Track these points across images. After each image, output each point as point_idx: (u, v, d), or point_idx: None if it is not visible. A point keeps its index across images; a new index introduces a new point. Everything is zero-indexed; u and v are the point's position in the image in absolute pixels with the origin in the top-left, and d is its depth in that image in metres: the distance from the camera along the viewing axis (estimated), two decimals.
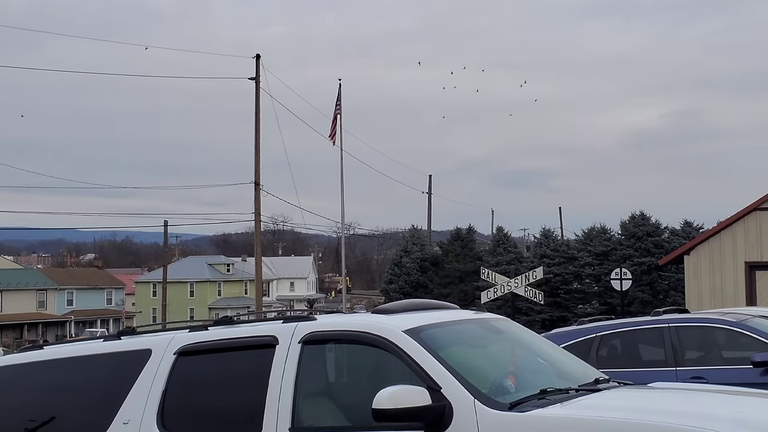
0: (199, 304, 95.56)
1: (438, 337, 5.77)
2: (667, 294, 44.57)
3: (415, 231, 56.13)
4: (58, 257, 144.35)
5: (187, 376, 6.20)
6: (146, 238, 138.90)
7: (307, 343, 5.88)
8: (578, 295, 47.11)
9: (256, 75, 39.68)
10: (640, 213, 47.48)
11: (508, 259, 48.75)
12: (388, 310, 6.23)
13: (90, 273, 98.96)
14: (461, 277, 49.46)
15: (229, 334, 6.29)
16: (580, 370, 6.35)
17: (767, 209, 28.71)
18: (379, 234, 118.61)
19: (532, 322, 42.55)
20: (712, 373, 10.57)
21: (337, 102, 38.87)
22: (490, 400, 5.26)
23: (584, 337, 11.64)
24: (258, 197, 39.69)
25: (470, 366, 5.65)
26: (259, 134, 39.89)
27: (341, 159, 40.09)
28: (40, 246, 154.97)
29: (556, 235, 53.66)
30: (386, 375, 5.59)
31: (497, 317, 6.85)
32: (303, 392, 5.75)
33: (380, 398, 5.16)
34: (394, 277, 52.10)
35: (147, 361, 6.35)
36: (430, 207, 65.53)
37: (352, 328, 5.89)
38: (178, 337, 6.43)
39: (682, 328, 11.40)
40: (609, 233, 48.32)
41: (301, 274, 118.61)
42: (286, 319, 6.22)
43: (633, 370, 10.68)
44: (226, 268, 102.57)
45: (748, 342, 11.00)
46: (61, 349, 7.18)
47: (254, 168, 39.84)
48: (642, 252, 45.75)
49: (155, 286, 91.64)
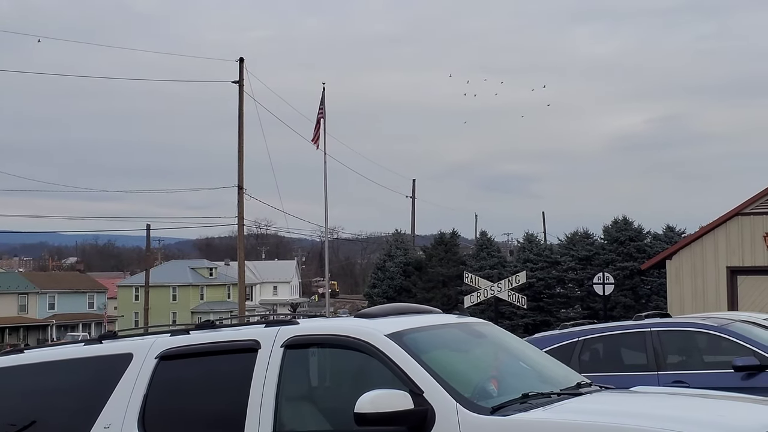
0: (182, 309, 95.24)
1: (421, 341, 5.77)
2: (649, 298, 44.72)
3: (398, 235, 56.12)
4: (39, 261, 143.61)
5: (168, 381, 6.17)
6: (128, 242, 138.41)
7: (290, 347, 5.86)
8: (561, 300, 47.20)
9: (240, 78, 39.60)
10: (623, 218, 47.63)
11: (491, 263, 48.80)
12: (371, 314, 6.22)
13: (72, 277, 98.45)
14: (445, 282, 49.48)
15: (211, 338, 6.27)
16: (563, 375, 6.36)
17: (749, 214, 28.87)
18: (363, 238, 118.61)
19: (515, 326, 42.60)
20: (694, 377, 10.61)
21: (321, 106, 38.81)
22: (473, 404, 5.26)
23: (567, 341, 11.67)
24: (241, 201, 39.61)
25: (453, 370, 5.65)
26: (242, 138, 39.83)
27: (325, 163, 40.05)
28: (22, 249, 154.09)
29: (540, 239, 53.77)
30: (369, 379, 5.58)
31: (480, 321, 6.85)
32: (285, 396, 5.74)
33: (362, 402, 5.16)
34: (377, 281, 52.06)
35: (128, 365, 6.32)
36: (414, 211, 65.58)
37: (335, 332, 5.88)
38: (160, 341, 6.41)
39: (663, 333, 11.44)
40: (592, 238, 48.45)
41: (285, 278, 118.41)
42: (269, 324, 6.21)
43: (615, 374, 10.70)
44: (208, 272, 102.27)
45: (729, 346, 11.04)
46: (42, 353, 7.15)
47: (237, 171, 39.78)
48: (624, 257, 45.89)
49: (137, 290, 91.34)
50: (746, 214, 28.91)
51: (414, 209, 65.42)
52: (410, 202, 65.82)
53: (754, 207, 28.86)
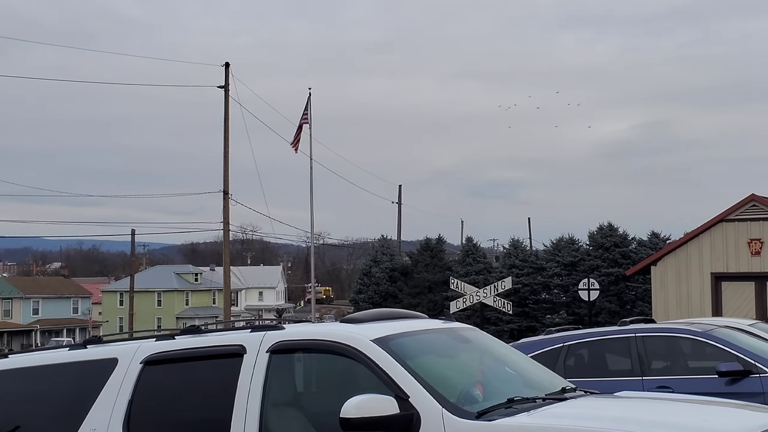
0: (167, 314, 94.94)
1: (406, 347, 5.78)
2: (634, 304, 44.87)
3: (384, 241, 56.13)
4: (24, 266, 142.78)
5: (153, 386, 6.16)
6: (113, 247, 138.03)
7: (276, 352, 5.86)
8: (546, 305, 47.31)
9: (225, 83, 39.56)
10: (608, 224, 47.81)
11: (477, 269, 48.88)
12: (357, 319, 6.22)
13: (56, 282, 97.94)
14: (430, 287, 49.51)
15: (197, 343, 6.26)
16: (548, 379, 6.38)
17: (733, 221, 29.03)
18: (349, 244, 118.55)
19: (500, 331, 42.66)
20: (678, 382, 10.65)
21: (306, 111, 38.75)
22: (458, 409, 5.27)
23: (552, 346, 11.69)
24: (227, 206, 39.53)
25: (438, 375, 5.66)
26: (228, 143, 39.75)
27: (311, 168, 40.01)
28: (6, 254, 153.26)
29: (525, 245, 53.90)
30: (355, 384, 5.58)
31: (465, 326, 6.86)
32: (271, 401, 5.73)
33: (348, 407, 5.16)
34: (363, 287, 52.06)
35: (113, 370, 6.30)
36: (400, 217, 65.64)
37: (321, 337, 5.88)
38: (145, 346, 6.39)
39: (648, 338, 11.48)
40: (577, 244, 48.60)
41: (270, 284, 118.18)
42: (254, 328, 6.20)
43: (600, 379, 10.73)
44: (194, 278, 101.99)
45: (713, 352, 11.09)
46: (27, 358, 7.12)
47: (223, 177, 39.71)
48: (610, 263, 46.05)
49: (122, 296, 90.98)
50: (731, 221, 29.07)
51: (400, 215, 65.53)
52: (396, 207, 65.90)
53: (739, 213, 29.02)
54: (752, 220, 28.79)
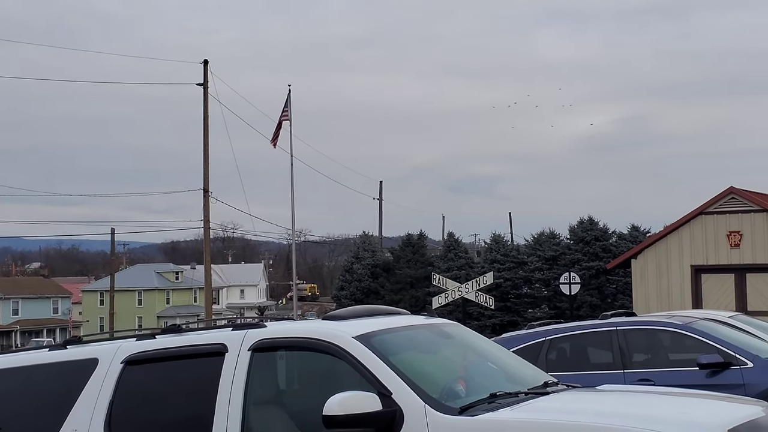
0: (148, 313, 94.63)
1: (388, 343, 5.78)
2: (615, 297, 45.09)
3: (366, 237, 56.13)
4: (2, 266, 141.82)
5: (134, 385, 6.14)
6: (93, 246, 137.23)
7: (257, 350, 5.85)
8: (528, 300, 47.45)
9: (204, 80, 39.41)
10: (589, 218, 47.98)
11: (458, 264, 48.96)
12: (339, 316, 6.22)
13: (36, 282, 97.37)
14: (412, 283, 49.57)
15: (178, 342, 6.24)
16: (530, 374, 6.40)
17: (712, 213, 29.21)
18: (330, 240, 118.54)
19: (482, 326, 42.76)
20: (659, 375, 10.72)
21: (285, 107, 38.66)
22: (441, 405, 5.28)
23: (534, 341, 11.74)
24: (207, 204, 39.40)
25: (421, 371, 5.66)
26: (208, 140, 39.61)
27: (291, 165, 39.90)
28: None
29: (506, 240, 53.99)
30: (337, 381, 5.58)
31: (448, 322, 6.88)
32: (253, 400, 5.72)
33: (330, 405, 5.16)
34: (345, 283, 52.06)
35: (94, 370, 6.28)
36: (381, 213, 65.65)
37: (303, 334, 5.87)
38: (125, 346, 6.37)
39: (629, 331, 11.54)
40: (558, 238, 48.75)
41: (252, 282, 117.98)
42: (236, 327, 6.18)
43: (582, 373, 10.78)
44: (174, 276, 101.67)
45: (693, 344, 11.16)
46: (7, 359, 7.08)
47: (203, 174, 39.58)
48: (590, 256, 46.23)
49: (102, 295, 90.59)
50: (710, 213, 29.25)
51: (381, 211, 65.55)
52: (377, 204, 65.92)
53: (718, 206, 29.22)
54: (731, 212, 28.99)
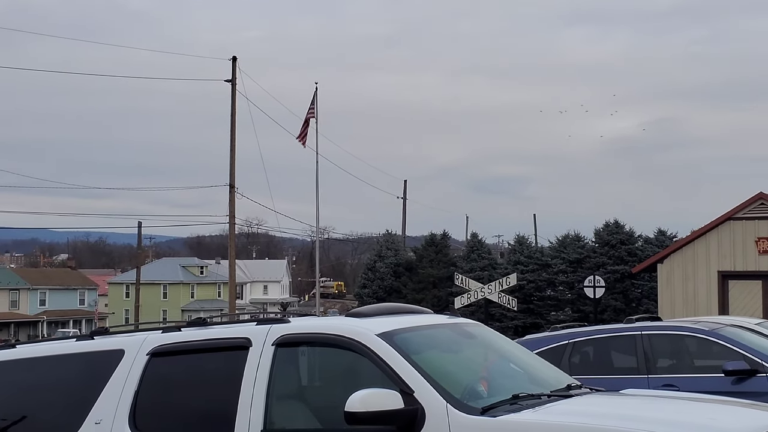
0: (172, 306, 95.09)
1: (411, 341, 5.78)
2: (640, 302, 44.80)
3: (389, 236, 56.10)
4: (31, 257, 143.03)
5: (159, 377, 6.17)
6: (120, 239, 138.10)
7: (281, 345, 5.87)
8: (551, 302, 47.24)
9: (233, 77, 39.58)
10: (615, 221, 47.69)
11: (482, 265, 48.84)
12: (362, 313, 6.23)
13: (63, 273, 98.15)
14: (435, 283, 49.50)
15: (203, 335, 6.27)
16: (553, 376, 6.37)
17: (741, 219, 28.95)
18: (354, 238, 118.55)
19: (505, 328, 42.63)
20: (684, 381, 10.62)
21: (312, 105, 38.75)
22: (463, 405, 5.26)
23: (557, 343, 11.68)
24: (232, 200, 39.58)
25: (443, 370, 5.65)
26: (235, 137, 39.81)
27: (317, 163, 39.97)
28: (13, 245, 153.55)
29: (530, 241, 53.78)
30: (359, 378, 5.59)
31: (471, 322, 6.86)
32: (276, 395, 5.74)
33: (352, 401, 5.16)
34: (367, 281, 52.07)
35: (120, 361, 6.32)
36: (405, 212, 65.59)
37: (326, 331, 5.89)
38: (151, 338, 6.41)
39: (654, 336, 11.46)
40: (583, 241, 48.49)
41: (275, 278, 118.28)
42: (260, 322, 6.21)
43: (605, 377, 10.71)
44: (199, 271, 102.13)
45: (720, 351, 11.06)
46: (34, 349, 7.15)
47: (229, 170, 39.75)
48: (615, 260, 45.97)
49: (128, 288, 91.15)
50: (738, 219, 28.99)
51: (405, 210, 65.50)
52: (401, 202, 65.89)
53: (746, 212, 28.95)
54: (760, 218, 28.71)
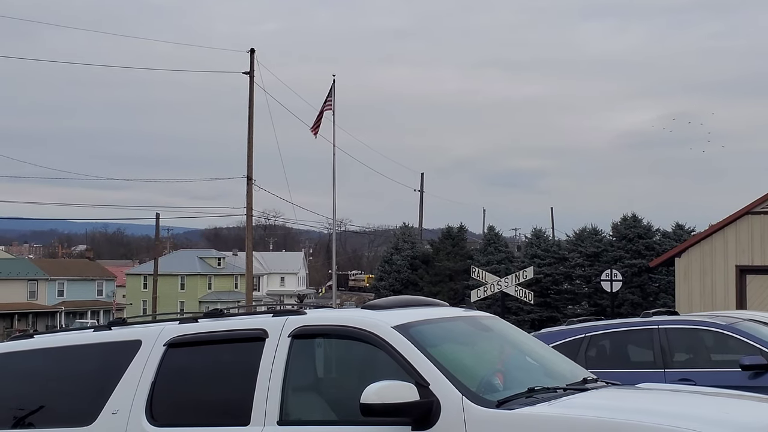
0: (190, 298, 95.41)
1: (427, 334, 5.78)
2: (657, 296, 44.66)
3: (406, 228, 56.12)
4: (49, 248, 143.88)
5: (176, 368, 6.20)
6: (138, 231, 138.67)
7: (297, 337, 5.89)
8: (568, 296, 47.17)
9: (251, 69, 39.62)
10: (632, 215, 47.56)
11: (498, 258, 48.80)
12: (378, 305, 6.24)
13: (81, 264, 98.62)
14: (451, 276, 49.50)
15: (219, 326, 6.29)
16: (569, 370, 6.37)
17: (759, 213, 28.77)
18: (371, 231, 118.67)
19: (521, 321, 42.60)
20: (701, 375, 10.59)
21: (329, 97, 38.73)
22: (478, 398, 5.27)
23: (573, 337, 11.66)
24: (250, 192, 39.64)
25: (459, 363, 5.65)
26: (252, 129, 39.87)
27: (334, 155, 40.02)
28: (32, 236, 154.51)
29: (548, 235, 53.72)
30: (375, 370, 5.59)
31: (486, 315, 6.86)
32: (291, 386, 5.76)
33: (368, 393, 5.17)
34: (384, 274, 52.13)
35: (137, 351, 6.35)
36: (422, 205, 65.59)
37: (342, 323, 5.90)
38: (168, 329, 6.44)
39: (671, 330, 11.42)
40: (600, 234, 48.37)
41: (292, 270, 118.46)
42: (276, 313, 6.23)
43: (621, 371, 10.69)
44: (216, 262, 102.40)
45: (736, 345, 11.02)
46: (52, 339, 7.19)
47: (247, 162, 39.83)
48: (633, 254, 45.82)
49: (146, 279, 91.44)
50: (757, 213, 28.81)
51: (422, 203, 65.50)
52: (418, 195, 65.87)
53: (765, 206, 28.75)
54: None
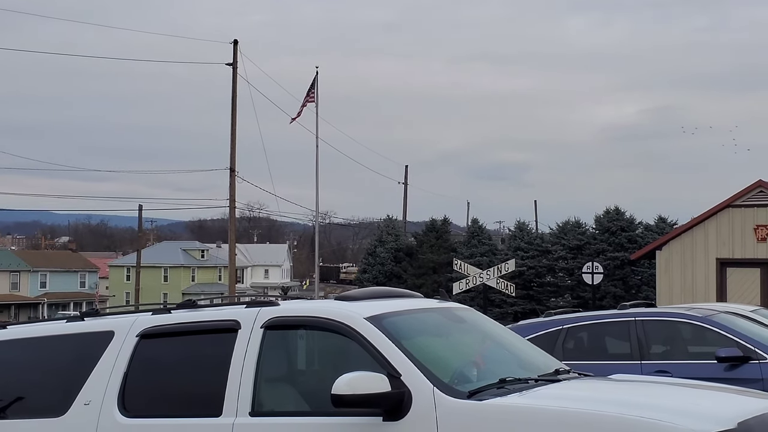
0: (173, 290, 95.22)
1: (400, 325, 5.79)
2: (639, 289, 44.84)
3: (390, 221, 56.13)
4: (32, 239, 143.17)
5: (148, 359, 6.20)
6: (121, 222, 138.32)
7: (270, 328, 5.89)
8: (551, 289, 47.29)
9: (234, 61, 39.48)
10: (615, 208, 47.68)
11: (482, 251, 48.89)
12: (352, 297, 6.25)
13: (64, 256, 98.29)
14: (435, 268, 49.56)
15: (192, 317, 6.29)
16: (541, 361, 6.39)
17: (740, 206, 28.93)
18: (355, 223, 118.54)
19: (504, 314, 42.70)
20: (677, 367, 10.64)
21: (312, 88, 38.65)
22: (449, 388, 5.29)
23: (551, 329, 11.70)
24: (233, 184, 39.56)
25: (431, 354, 5.67)
26: (235, 120, 39.74)
27: (317, 147, 39.95)
28: (15, 227, 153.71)
29: (531, 228, 53.82)
30: (347, 361, 5.60)
31: (460, 306, 6.87)
32: (264, 377, 5.76)
33: (339, 384, 5.18)
34: (368, 266, 52.16)
35: (109, 342, 6.34)
36: (406, 197, 65.56)
37: (315, 314, 5.90)
38: (141, 320, 6.43)
39: (648, 322, 11.48)
40: (583, 227, 48.48)
41: (276, 262, 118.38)
42: (249, 304, 6.23)
43: (599, 362, 10.75)
44: (200, 254, 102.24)
45: (713, 337, 11.08)
46: (24, 330, 7.18)
47: (230, 154, 39.71)
48: (616, 247, 45.98)
49: (129, 271, 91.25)
50: (737, 206, 28.96)
51: (406, 195, 65.46)
52: (402, 188, 65.85)
53: (745, 199, 28.92)
54: (759, 206, 28.67)
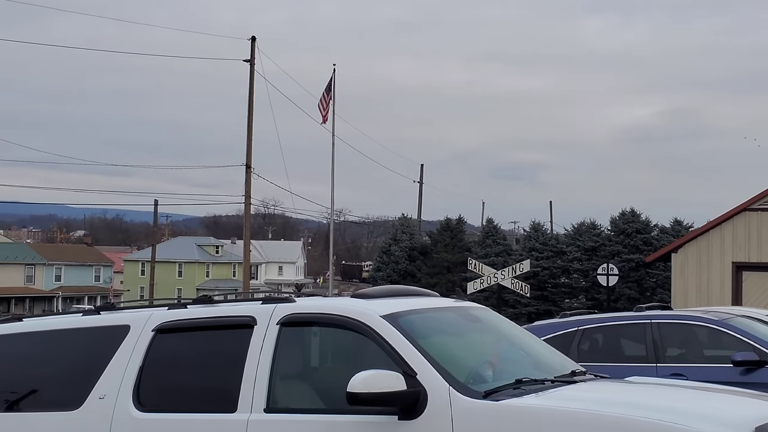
0: (187, 285, 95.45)
1: (416, 324, 5.77)
2: (654, 291, 44.70)
3: (404, 220, 56.13)
4: (47, 232, 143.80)
5: (164, 354, 6.20)
6: (136, 217, 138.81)
7: (285, 324, 5.88)
8: (565, 290, 47.19)
9: (251, 57, 39.51)
10: (631, 209, 47.55)
11: (496, 251, 48.82)
12: (368, 294, 6.23)
13: (79, 249, 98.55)
14: (449, 267, 49.52)
15: (208, 313, 6.29)
16: (557, 362, 6.36)
17: (757, 210, 28.76)
18: (369, 221, 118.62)
19: (518, 314, 42.64)
20: (693, 370, 10.58)
21: (330, 86, 38.67)
22: (465, 388, 5.26)
23: (566, 330, 11.66)
24: (249, 180, 39.59)
25: (447, 353, 5.65)
26: (252, 117, 39.79)
27: (333, 145, 39.96)
28: (31, 221, 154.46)
29: (546, 229, 53.76)
30: (363, 359, 5.58)
31: (476, 306, 6.85)
32: (279, 373, 5.75)
33: (354, 382, 5.16)
34: (382, 264, 52.19)
35: (125, 337, 6.35)
36: (421, 196, 65.55)
37: (331, 311, 5.89)
38: (157, 315, 6.43)
39: (664, 325, 11.43)
40: (598, 229, 48.37)
41: (290, 259, 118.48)
42: (265, 301, 6.22)
43: (614, 364, 10.70)
44: (215, 250, 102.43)
45: (729, 341, 11.03)
46: (40, 323, 7.18)
47: (246, 150, 39.77)
48: (631, 249, 45.83)
49: (144, 265, 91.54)
50: (754, 210, 28.79)
51: (421, 194, 65.46)
52: (417, 187, 65.82)
53: (762, 203, 28.74)
54: None
